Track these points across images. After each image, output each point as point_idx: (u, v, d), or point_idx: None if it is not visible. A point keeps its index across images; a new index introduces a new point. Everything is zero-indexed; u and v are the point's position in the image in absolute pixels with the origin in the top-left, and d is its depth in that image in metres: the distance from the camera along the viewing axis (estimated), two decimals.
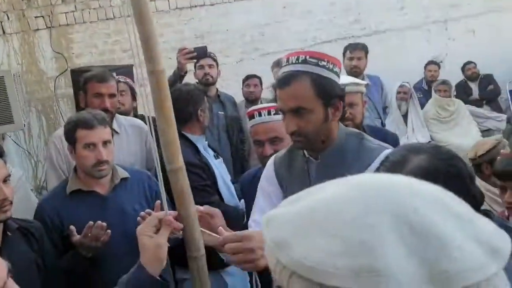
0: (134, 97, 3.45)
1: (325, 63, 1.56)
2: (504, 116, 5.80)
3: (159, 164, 1.30)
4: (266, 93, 4.70)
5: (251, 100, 4.49)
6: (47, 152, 2.92)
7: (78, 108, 3.14)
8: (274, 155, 1.88)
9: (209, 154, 2.79)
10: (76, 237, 2.01)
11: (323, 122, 1.57)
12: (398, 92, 4.89)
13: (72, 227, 1.99)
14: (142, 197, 2.36)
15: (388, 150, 1.56)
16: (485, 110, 5.89)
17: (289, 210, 0.54)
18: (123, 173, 2.33)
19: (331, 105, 1.57)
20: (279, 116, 2.12)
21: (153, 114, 1.29)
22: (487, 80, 6.20)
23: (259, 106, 2.24)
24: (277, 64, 4.01)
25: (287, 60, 1.60)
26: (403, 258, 0.43)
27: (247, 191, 2.35)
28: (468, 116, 5.27)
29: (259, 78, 4.70)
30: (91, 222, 1.98)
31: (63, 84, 5.03)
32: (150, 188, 2.40)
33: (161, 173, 1.29)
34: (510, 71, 7.08)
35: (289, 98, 1.56)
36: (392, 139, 2.55)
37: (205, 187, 2.51)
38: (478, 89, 6.17)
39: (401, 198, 0.49)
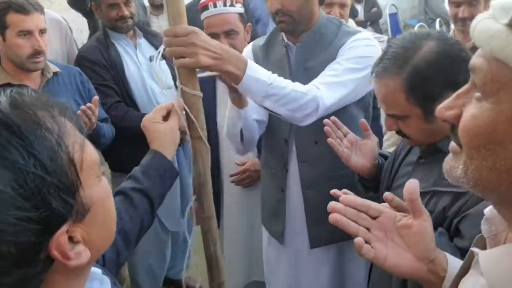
0: None
1: None
2: (385, 37, 6.28)
3: None
4: None
5: (157, 5, 4.27)
6: None
7: None
8: (252, 43, 1.86)
9: (131, 53, 2.65)
10: None
11: (306, 0, 1.62)
12: None
13: None
14: (76, 93, 2.22)
15: (362, 33, 1.70)
16: (369, 32, 6.35)
17: None
18: (54, 67, 2.15)
19: None
20: (235, 8, 2.09)
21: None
22: (371, 3, 6.63)
23: None
24: None
25: None
26: None
27: None
28: None
29: None
30: None
31: None
32: (82, 85, 2.27)
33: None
34: None
35: None
36: None
37: (101, 87, 2.43)
38: (363, 11, 6.59)
39: None
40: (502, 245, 0.62)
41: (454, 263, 0.95)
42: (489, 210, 0.70)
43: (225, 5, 2.07)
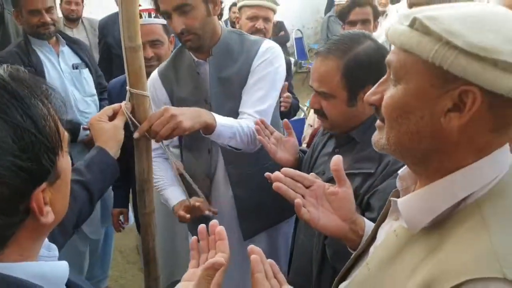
0: None
1: None
2: (292, 60, 6.73)
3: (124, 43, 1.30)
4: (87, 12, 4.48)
5: (72, 19, 4.21)
6: None
7: None
8: (156, 69, 1.95)
9: (53, 61, 2.66)
10: None
11: (207, 17, 1.73)
12: None
13: None
14: None
15: (267, 40, 1.86)
16: None
17: (449, 13, 0.70)
18: None
19: (210, 1, 1.74)
20: (159, 20, 2.20)
21: None
22: (279, 27, 7.04)
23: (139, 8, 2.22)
24: None
25: None
26: None
27: (116, 99, 2.27)
28: None
29: None
30: None
31: None
32: None
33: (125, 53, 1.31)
34: (296, 21, 8.19)
35: None
36: None
37: None
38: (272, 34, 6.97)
39: None
40: (412, 193, 0.83)
41: (370, 225, 1.17)
42: (401, 171, 0.91)
43: (150, 16, 2.17)
